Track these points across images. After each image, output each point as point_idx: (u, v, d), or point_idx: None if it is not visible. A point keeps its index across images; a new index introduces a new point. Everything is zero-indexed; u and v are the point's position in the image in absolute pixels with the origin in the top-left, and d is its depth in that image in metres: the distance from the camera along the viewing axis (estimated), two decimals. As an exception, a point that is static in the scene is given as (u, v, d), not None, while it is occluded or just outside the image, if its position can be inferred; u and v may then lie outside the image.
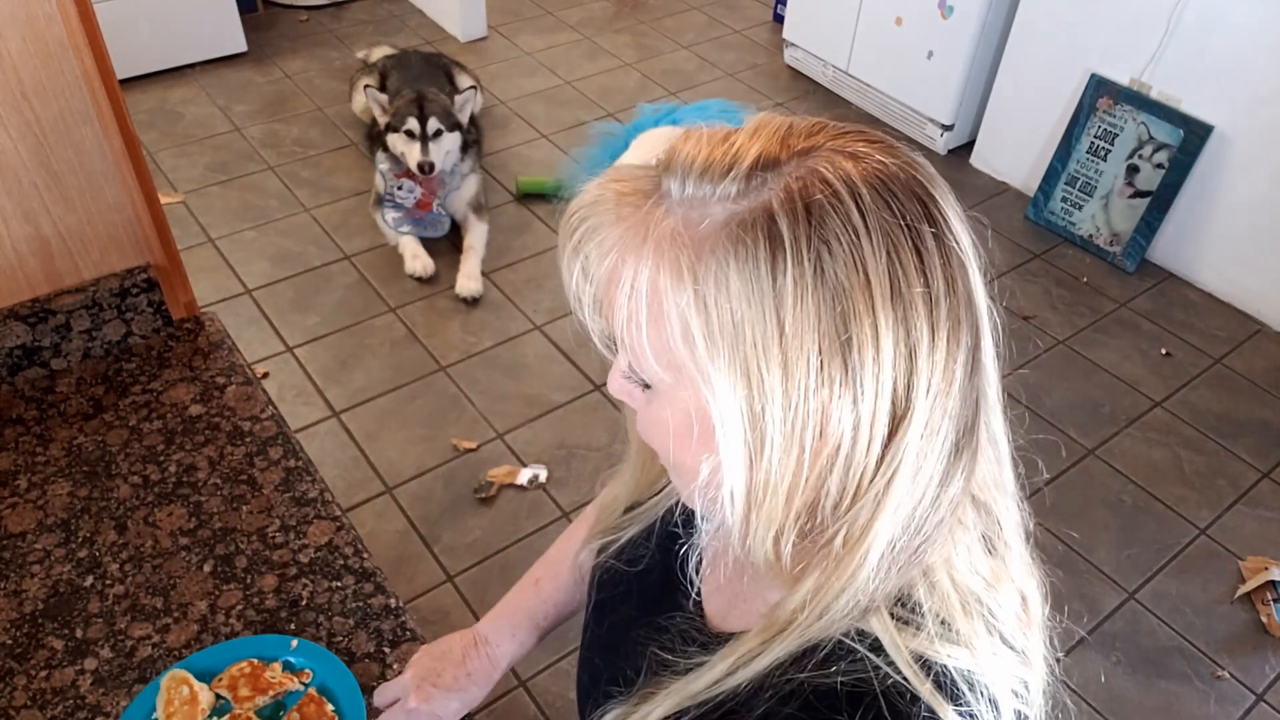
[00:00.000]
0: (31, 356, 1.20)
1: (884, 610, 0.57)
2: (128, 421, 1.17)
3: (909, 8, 3.26)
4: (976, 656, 0.56)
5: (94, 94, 1.09)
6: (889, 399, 0.51)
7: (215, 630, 0.97)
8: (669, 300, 0.51)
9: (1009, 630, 0.59)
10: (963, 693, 0.55)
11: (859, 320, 0.49)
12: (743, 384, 0.51)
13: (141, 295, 1.24)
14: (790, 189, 0.50)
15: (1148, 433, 2.49)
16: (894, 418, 0.52)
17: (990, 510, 0.60)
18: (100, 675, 0.93)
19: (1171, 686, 1.98)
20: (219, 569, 1.02)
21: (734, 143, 0.53)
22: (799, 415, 0.51)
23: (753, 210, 0.50)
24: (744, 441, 0.52)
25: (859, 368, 0.50)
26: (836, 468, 0.53)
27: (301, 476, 1.12)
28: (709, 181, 0.52)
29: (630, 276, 0.53)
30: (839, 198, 0.50)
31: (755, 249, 0.49)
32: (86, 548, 1.03)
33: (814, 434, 0.51)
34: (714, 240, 0.50)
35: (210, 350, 1.27)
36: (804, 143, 0.53)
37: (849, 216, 0.50)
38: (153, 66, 3.52)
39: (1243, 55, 2.62)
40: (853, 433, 0.52)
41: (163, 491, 1.09)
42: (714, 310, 0.50)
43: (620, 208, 0.54)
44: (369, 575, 1.02)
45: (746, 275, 0.49)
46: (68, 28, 1.04)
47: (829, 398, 0.50)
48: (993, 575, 0.59)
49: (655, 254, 0.52)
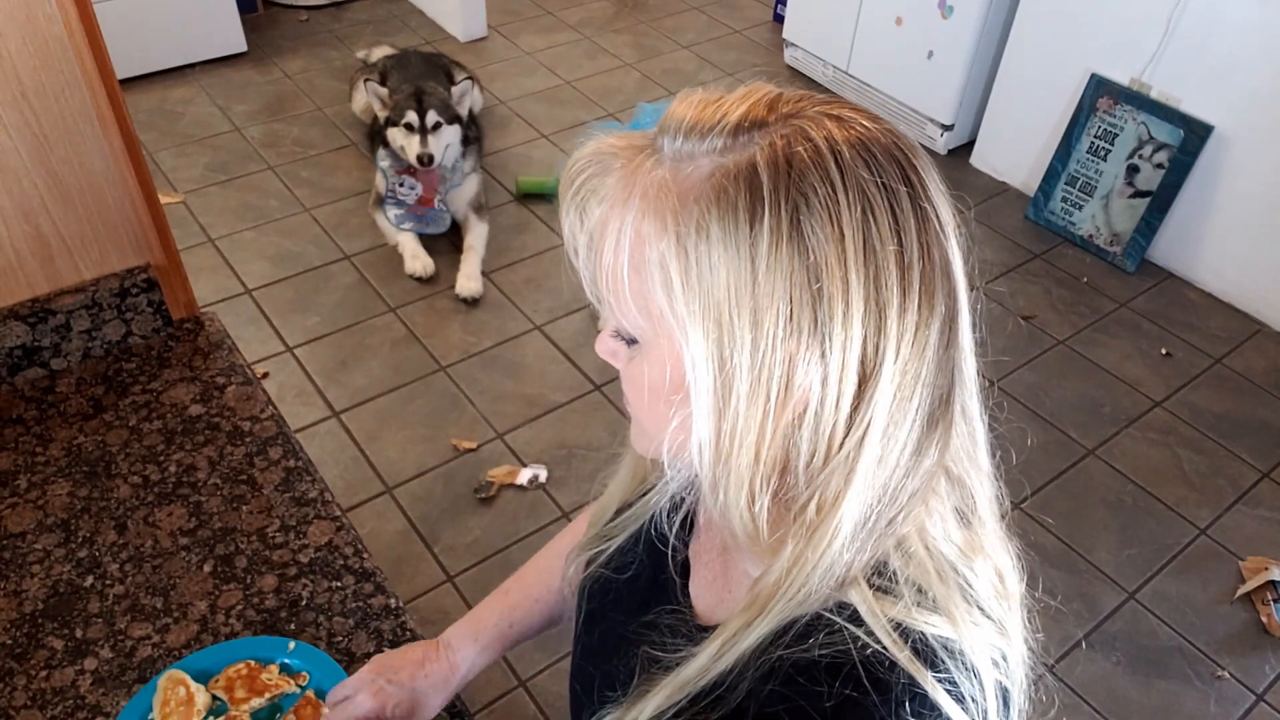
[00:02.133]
0: (31, 356, 1.20)
1: (861, 580, 0.57)
2: (128, 421, 1.17)
3: (909, 8, 3.25)
4: (955, 624, 0.57)
5: (94, 94, 1.09)
6: (857, 356, 0.52)
7: (215, 630, 0.97)
8: (651, 246, 0.53)
9: (986, 601, 0.60)
10: (942, 660, 0.56)
11: (830, 274, 0.51)
12: (714, 329, 0.52)
13: (141, 295, 1.24)
14: (775, 144, 0.52)
15: (1148, 433, 2.49)
16: (862, 376, 0.53)
17: (964, 483, 0.61)
18: (100, 675, 0.93)
19: (1172, 687, 1.98)
20: (219, 569, 1.02)
21: (723, 103, 0.55)
22: (766, 363, 0.52)
23: (737, 163, 0.52)
24: (713, 389, 0.54)
25: (828, 320, 0.51)
26: (805, 424, 0.54)
27: (301, 476, 1.12)
28: (697, 137, 0.54)
29: (617, 224, 0.55)
30: (820, 154, 0.52)
31: (736, 198, 0.51)
32: (86, 548, 1.03)
33: (780, 384, 0.52)
34: (698, 190, 0.52)
35: (210, 350, 1.27)
36: (791, 107, 0.55)
37: (828, 172, 0.51)
38: (153, 66, 3.52)
39: (1243, 55, 2.62)
40: (820, 387, 0.53)
41: (163, 491, 1.09)
42: (693, 256, 0.52)
43: (615, 159, 0.57)
44: (369, 575, 1.02)
45: (725, 223, 0.51)
46: (68, 27, 1.04)
47: (796, 348, 0.52)
48: (967, 545, 0.60)
49: (641, 201, 0.54)
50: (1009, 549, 0.64)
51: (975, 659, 0.57)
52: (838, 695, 0.55)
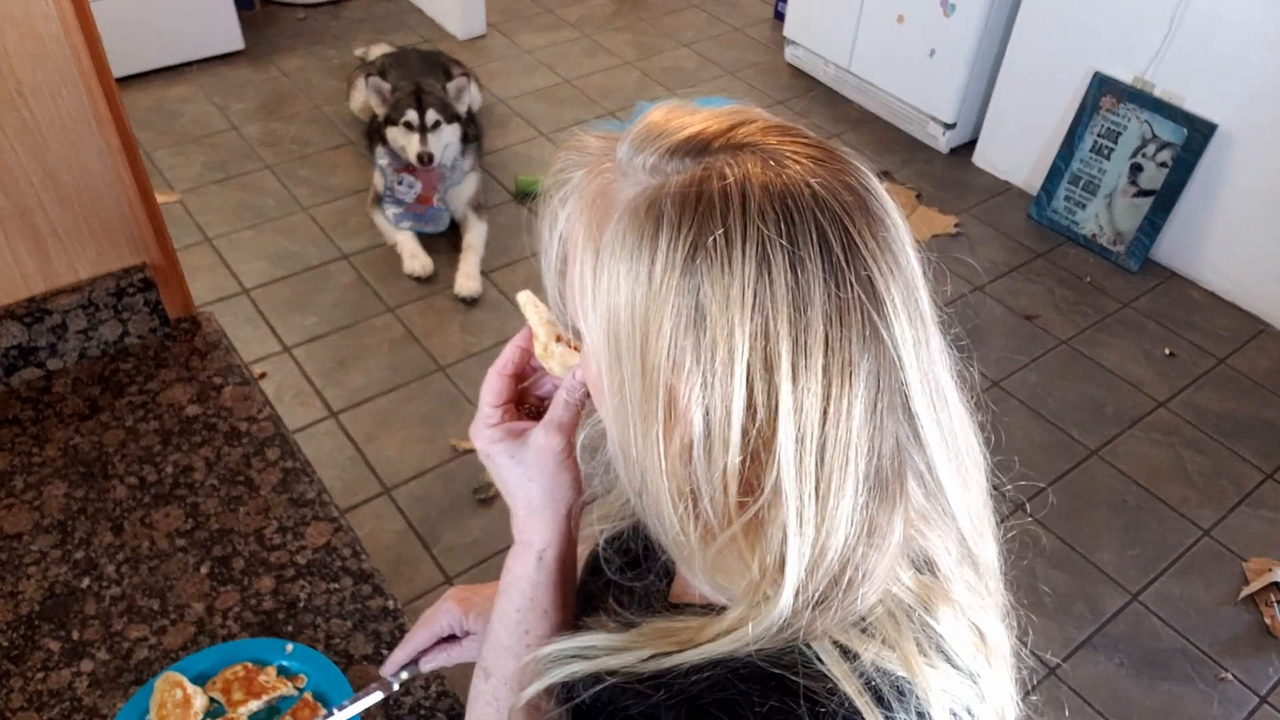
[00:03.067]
0: (27, 356, 1.19)
1: (821, 634, 0.57)
2: (124, 422, 1.16)
3: (911, 5, 3.25)
4: (909, 665, 0.55)
5: (90, 92, 1.08)
6: (742, 402, 0.51)
7: (212, 632, 0.96)
8: (577, 254, 0.57)
9: (954, 650, 0.58)
10: (886, 698, 0.54)
11: (713, 317, 0.51)
12: (612, 340, 0.55)
13: (138, 295, 1.23)
14: (694, 177, 0.52)
15: (1151, 433, 2.49)
16: (750, 425, 0.52)
17: (921, 540, 0.59)
18: (97, 677, 0.92)
19: (1175, 688, 1.97)
20: (216, 570, 1.01)
21: (688, 119, 0.56)
22: (650, 380, 0.53)
23: (659, 186, 0.53)
24: (611, 391, 0.56)
25: (710, 359, 0.51)
26: (695, 456, 0.54)
27: (299, 477, 1.11)
28: (641, 150, 0.55)
29: (560, 226, 0.59)
30: (727, 197, 0.51)
31: (644, 220, 0.53)
32: (83, 549, 1.02)
33: (665, 409, 0.54)
34: (619, 209, 0.54)
35: (207, 350, 1.26)
36: (748, 138, 0.55)
37: (727, 217, 0.51)
38: (150, 65, 3.51)
39: (1246, 53, 2.61)
40: (703, 423, 0.53)
41: (159, 492, 1.08)
42: (604, 267, 0.54)
43: (582, 158, 0.60)
44: (367, 577, 1.02)
45: (630, 242, 0.53)
46: (64, 26, 1.03)
47: (677, 379, 0.53)
48: (923, 590, 0.58)
49: (577, 209, 0.58)
50: (999, 607, 0.63)
51: (929, 705, 0.55)
52: (767, 704, 0.54)
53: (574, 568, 0.76)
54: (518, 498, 0.71)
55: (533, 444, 0.69)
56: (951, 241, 3.04)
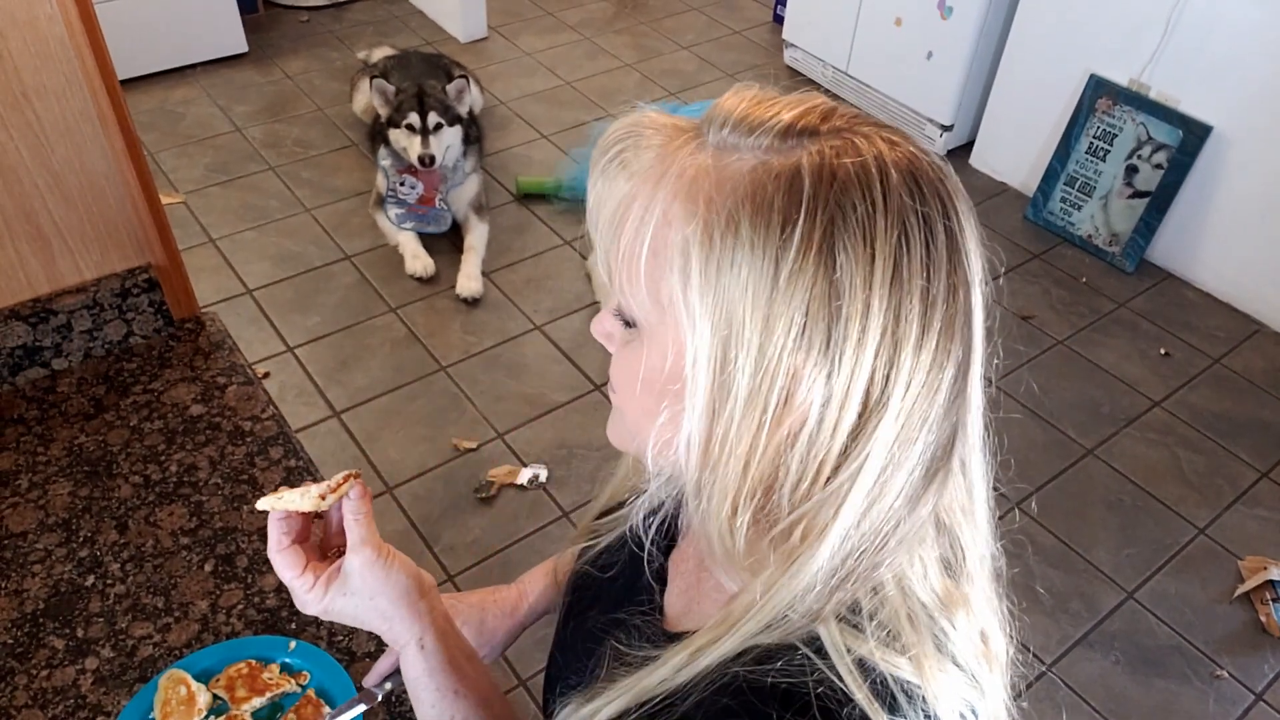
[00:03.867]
0: (33, 356, 1.20)
1: (830, 614, 0.56)
2: (129, 421, 1.17)
3: (908, 8, 3.26)
4: (921, 670, 0.55)
5: (95, 94, 1.09)
6: (864, 385, 0.50)
7: (216, 630, 0.97)
8: (676, 230, 0.52)
9: (963, 654, 0.58)
10: (899, 704, 0.54)
11: (853, 295, 0.49)
12: (724, 326, 0.51)
13: (142, 295, 1.24)
14: (823, 153, 0.51)
15: (1147, 433, 2.50)
16: (865, 407, 0.51)
17: (955, 535, 0.59)
18: (101, 675, 0.93)
19: (1171, 686, 1.98)
20: (220, 568, 1.02)
21: (777, 103, 0.54)
22: (769, 371, 0.50)
23: (781, 164, 0.51)
24: (711, 387, 0.52)
25: (841, 341, 0.50)
26: (799, 444, 0.52)
27: (302, 476, 1.12)
28: (745, 131, 0.53)
29: (645, 201, 0.53)
30: (866, 171, 0.50)
31: (773, 197, 0.50)
32: (87, 547, 1.03)
33: (780, 397, 0.51)
34: (736, 180, 0.51)
35: (211, 350, 1.27)
36: (843, 122, 0.54)
37: (871, 190, 0.50)
38: (154, 67, 3.53)
39: (1241, 56, 2.62)
40: (820, 409, 0.51)
41: (164, 491, 1.09)
42: (717, 247, 0.50)
43: (656, 135, 0.56)
44: (369, 574, 1.02)
45: (756, 221, 0.50)
46: (69, 28, 1.04)
47: (803, 363, 0.50)
48: (947, 596, 0.58)
49: (675, 183, 0.52)
50: (999, 611, 0.62)
51: (938, 708, 0.55)
52: (781, 717, 0.53)
53: (458, 635, 0.77)
54: (372, 619, 0.73)
55: (353, 571, 0.72)
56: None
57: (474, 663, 0.76)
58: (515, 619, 0.95)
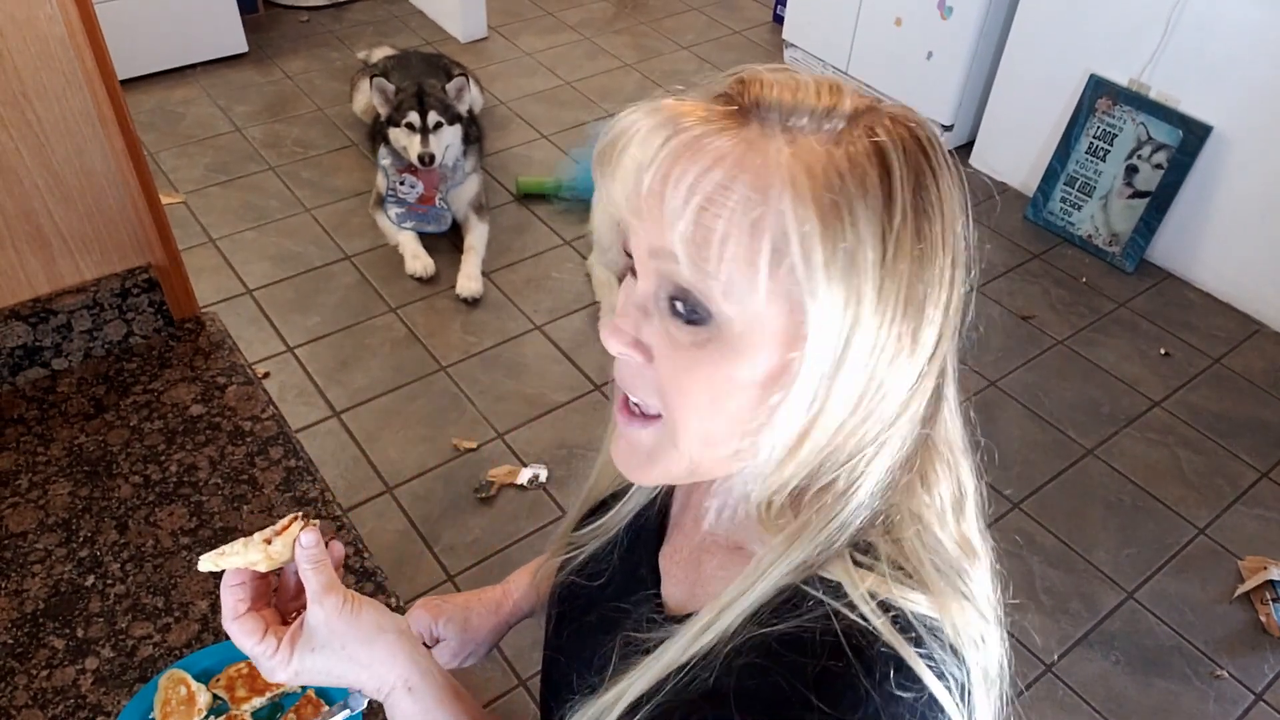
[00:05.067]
0: (33, 356, 1.20)
1: (846, 554, 0.57)
2: (129, 421, 1.17)
3: (908, 8, 3.26)
4: (938, 603, 0.56)
5: (95, 94, 1.09)
6: (932, 347, 0.55)
7: (216, 630, 0.97)
8: (791, 218, 0.51)
9: (978, 592, 0.60)
10: (922, 637, 0.55)
11: (934, 261, 0.53)
12: (852, 309, 0.51)
13: (142, 295, 1.24)
14: (890, 130, 0.53)
15: (1147, 433, 2.50)
16: (929, 367, 0.55)
17: (954, 470, 0.61)
18: (101, 675, 0.93)
19: (1171, 686, 1.98)
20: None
21: (820, 90, 0.55)
22: (880, 348, 0.53)
23: (867, 146, 0.52)
24: (828, 375, 0.53)
25: (938, 294, 0.53)
26: (874, 414, 0.55)
27: (302, 476, 1.12)
28: (814, 119, 0.53)
29: (744, 192, 0.51)
30: (932, 143, 0.54)
31: (876, 177, 0.52)
32: (88, 547, 1.03)
33: (882, 375, 0.53)
34: (837, 166, 0.52)
35: (211, 350, 1.27)
36: (874, 103, 0.56)
37: (933, 159, 0.54)
38: (154, 67, 3.53)
39: (1241, 56, 2.62)
40: (910, 386, 0.55)
41: (164, 491, 1.09)
42: (837, 232, 0.51)
43: (716, 122, 0.54)
44: (370, 575, 1.03)
45: (871, 202, 0.51)
46: (69, 27, 1.04)
47: (904, 331, 0.53)
48: (962, 538, 0.61)
49: (778, 172, 0.51)
50: (987, 539, 0.64)
51: (958, 639, 0.56)
52: (819, 666, 0.53)
53: (442, 670, 0.73)
54: (348, 671, 0.68)
55: (318, 624, 0.67)
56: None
57: (463, 697, 0.73)
58: (500, 616, 0.95)
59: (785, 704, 0.53)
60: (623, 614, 0.71)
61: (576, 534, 0.82)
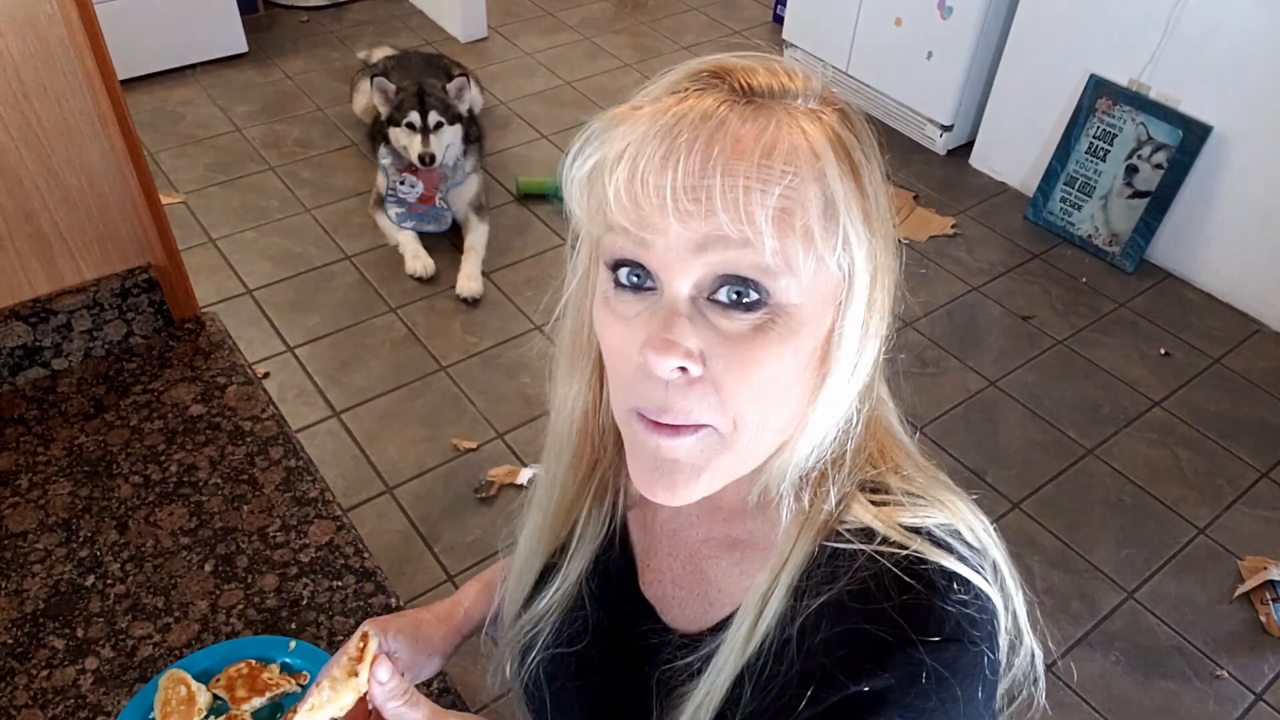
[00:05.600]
0: (32, 356, 1.20)
1: (861, 496, 0.62)
2: (129, 421, 1.17)
3: (908, 8, 3.26)
4: (948, 510, 0.62)
5: (95, 94, 1.09)
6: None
7: (216, 630, 0.97)
8: (837, 184, 0.55)
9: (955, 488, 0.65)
10: (953, 545, 0.60)
11: (885, 199, 0.58)
12: (874, 254, 0.56)
13: (142, 295, 1.24)
14: (834, 98, 0.59)
15: (1147, 432, 2.50)
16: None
17: (877, 386, 0.66)
18: (101, 675, 0.93)
19: (1171, 686, 1.98)
20: (220, 568, 1.02)
21: (784, 72, 0.58)
22: (890, 289, 0.58)
23: (837, 114, 0.57)
24: (861, 329, 0.57)
25: (888, 236, 0.58)
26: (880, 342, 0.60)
27: (302, 476, 1.12)
28: (803, 98, 0.57)
29: (796, 167, 0.53)
30: (859, 116, 0.60)
31: (852, 138, 0.57)
32: (87, 547, 1.03)
33: (894, 302, 0.59)
34: (838, 132, 0.56)
35: (211, 350, 1.27)
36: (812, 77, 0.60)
37: (867, 128, 0.60)
38: (154, 67, 3.53)
39: (1242, 56, 2.62)
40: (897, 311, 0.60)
41: (164, 491, 1.09)
42: (861, 186, 0.56)
43: (734, 109, 0.55)
44: (370, 575, 1.03)
45: (868, 165, 0.57)
46: (69, 28, 1.04)
47: (890, 269, 0.58)
48: (919, 450, 0.67)
49: (814, 145, 0.55)
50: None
51: (972, 536, 0.62)
52: (896, 605, 0.57)
53: None
54: None
55: None
56: (949, 242, 3.06)
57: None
58: (451, 624, 0.91)
59: (888, 650, 0.56)
60: (637, 655, 0.70)
61: (528, 616, 0.78)
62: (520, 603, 0.80)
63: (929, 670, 0.55)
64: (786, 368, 0.56)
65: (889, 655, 0.56)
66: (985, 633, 0.58)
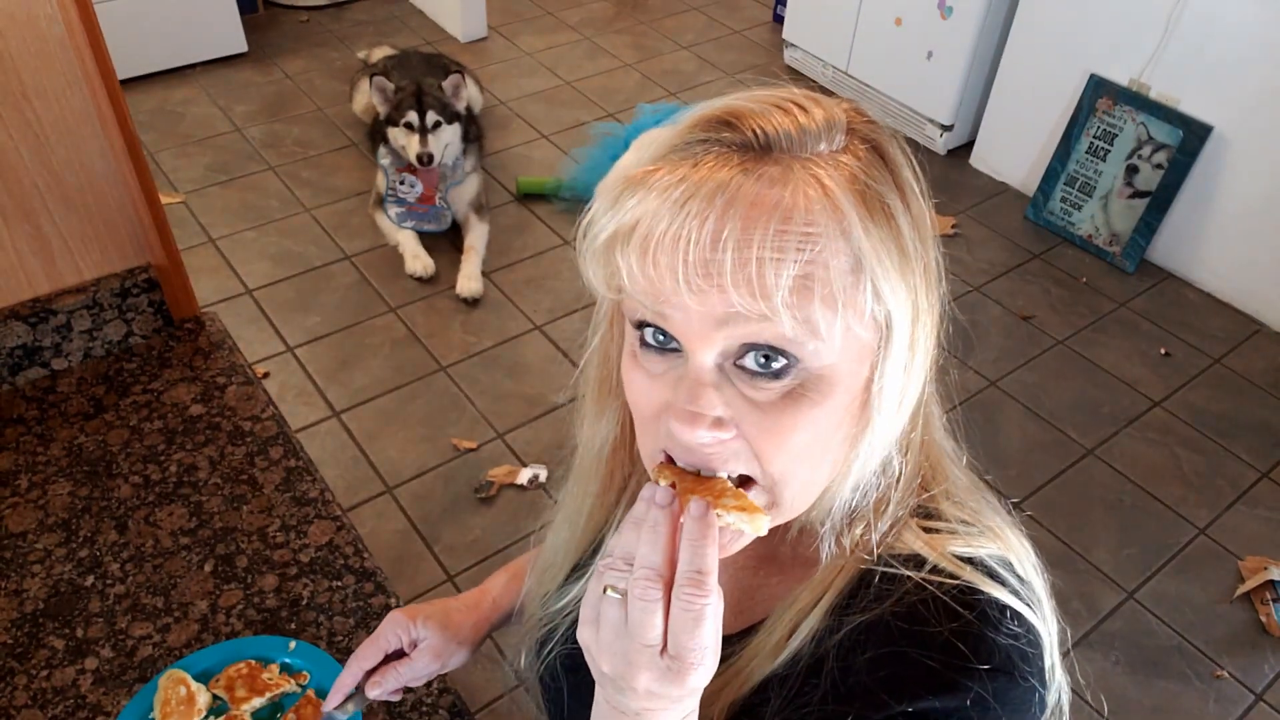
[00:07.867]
0: (32, 356, 1.20)
1: (912, 523, 0.61)
2: (128, 421, 1.17)
3: (909, 8, 3.26)
4: (1000, 541, 0.62)
5: (94, 94, 1.09)
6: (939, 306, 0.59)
7: (216, 630, 0.97)
8: (862, 236, 0.52)
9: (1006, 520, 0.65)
10: (1005, 577, 0.60)
11: (926, 234, 0.56)
12: (912, 294, 0.54)
13: (142, 295, 1.24)
14: (867, 126, 0.56)
15: (1147, 433, 2.50)
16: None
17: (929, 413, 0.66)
18: (101, 675, 0.93)
19: (1171, 686, 1.98)
20: (219, 569, 1.02)
21: (803, 107, 0.55)
22: (933, 321, 0.57)
23: (868, 148, 0.55)
24: (903, 366, 0.55)
25: (937, 280, 0.57)
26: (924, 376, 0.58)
27: (302, 476, 1.12)
28: (825, 139, 0.54)
29: (818, 228, 0.51)
30: (894, 139, 0.57)
31: (885, 174, 0.54)
32: (87, 547, 1.03)
33: (932, 342, 0.58)
34: (864, 175, 0.53)
35: (211, 350, 1.27)
36: (841, 104, 0.58)
37: (900, 142, 0.57)
38: (154, 67, 3.53)
39: (1242, 55, 2.62)
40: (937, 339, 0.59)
41: (163, 491, 1.09)
42: (889, 231, 0.53)
43: (748, 170, 0.52)
44: (369, 575, 1.03)
45: (892, 197, 0.54)
46: (68, 28, 1.04)
47: (934, 299, 0.57)
48: (970, 478, 0.66)
49: (835, 199, 0.52)
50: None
51: (1022, 568, 0.61)
52: (946, 632, 0.57)
53: None
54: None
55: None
56: (949, 242, 3.05)
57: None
58: (481, 612, 0.92)
59: (936, 675, 0.56)
60: None
61: (550, 610, 0.79)
62: (542, 600, 0.81)
63: (975, 698, 0.55)
64: (823, 429, 0.55)
65: (937, 679, 0.56)
66: (1036, 669, 0.59)
